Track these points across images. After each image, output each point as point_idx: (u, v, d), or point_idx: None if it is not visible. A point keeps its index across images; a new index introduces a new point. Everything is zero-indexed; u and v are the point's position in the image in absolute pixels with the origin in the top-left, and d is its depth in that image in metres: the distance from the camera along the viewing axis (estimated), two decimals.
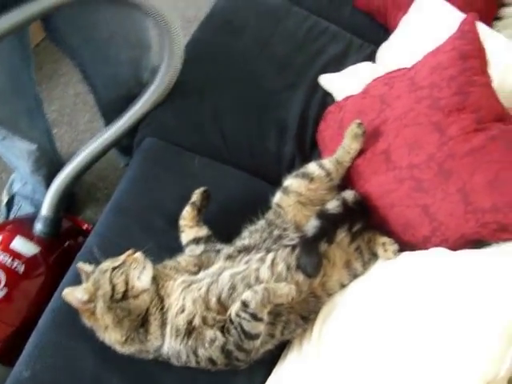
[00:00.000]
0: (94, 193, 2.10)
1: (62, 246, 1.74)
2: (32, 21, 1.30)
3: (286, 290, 1.13)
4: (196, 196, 1.34)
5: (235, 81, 1.63)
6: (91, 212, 2.06)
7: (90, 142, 1.56)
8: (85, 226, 1.88)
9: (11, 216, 2.01)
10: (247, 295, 1.10)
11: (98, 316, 1.13)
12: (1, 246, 1.60)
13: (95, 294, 1.13)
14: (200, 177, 1.45)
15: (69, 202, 1.92)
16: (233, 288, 1.15)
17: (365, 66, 1.66)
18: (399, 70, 1.47)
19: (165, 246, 1.29)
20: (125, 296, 1.13)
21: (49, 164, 1.84)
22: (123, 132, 1.54)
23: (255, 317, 1.09)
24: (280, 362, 1.24)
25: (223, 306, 1.13)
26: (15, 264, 1.58)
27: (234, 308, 1.10)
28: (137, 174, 1.48)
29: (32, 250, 1.63)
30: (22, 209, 1.99)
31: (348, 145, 1.36)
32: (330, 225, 1.24)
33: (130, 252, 1.18)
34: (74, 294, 1.13)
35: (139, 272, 1.15)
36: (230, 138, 1.56)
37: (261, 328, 1.11)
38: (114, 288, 1.13)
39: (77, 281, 1.27)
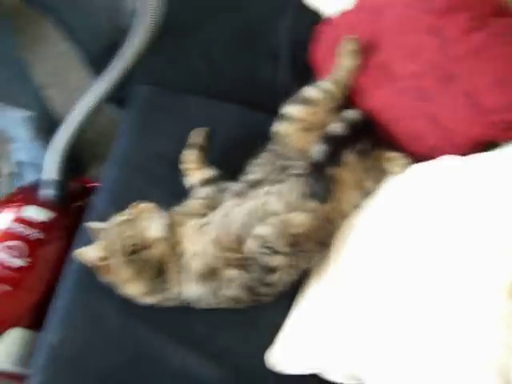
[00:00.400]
0: (97, 150, 2.07)
1: (74, 207, 1.74)
2: None
3: (300, 219, 1.12)
4: (194, 137, 1.31)
5: (220, 13, 1.57)
6: (97, 169, 2.04)
7: (81, 98, 1.52)
8: (93, 184, 1.87)
9: (18, 185, 2.00)
10: (262, 229, 1.09)
11: (115, 271, 1.13)
12: (14, 217, 1.60)
13: (109, 249, 1.12)
14: (197, 117, 1.42)
15: (74, 162, 1.91)
16: (246, 224, 1.13)
17: None
18: None
19: (172, 192, 1.27)
20: (139, 248, 1.12)
21: (47, 128, 1.81)
22: (113, 83, 1.49)
23: (273, 249, 1.08)
24: (301, 291, 1.24)
25: (239, 244, 1.13)
26: (32, 232, 1.58)
27: (251, 244, 1.10)
28: (133, 123, 1.46)
29: (45, 215, 1.63)
30: (27, 177, 1.97)
31: (344, 62, 1.31)
32: (335, 147, 1.21)
33: (137, 204, 1.17)
34: (87, 253, 1.13)
35: (150, 222, 1.14)
36: (222, 74, 1.52)
37: (280, 260, 1.10)
38: (127, 241, 1.12)
39: (88, 240, 1.27)
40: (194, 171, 1.29)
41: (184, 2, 1.47)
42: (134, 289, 1.14)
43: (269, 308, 1.21)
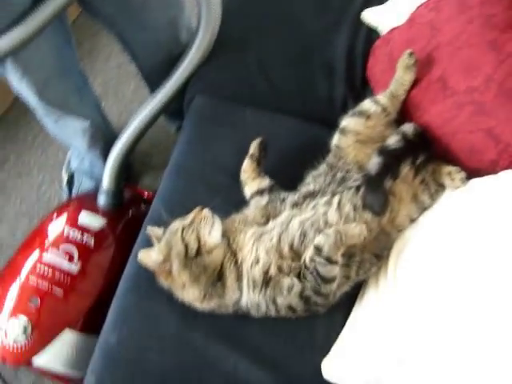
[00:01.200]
0: (149, 160, 2.12)
1: (127, 215, 1.78)
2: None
3: (357, 230, 1.12)
4: (253, 147, 1.33)
5: (276, 28, 1.60)
6: (149, 179, 2.09)
7: (139, 110, 1.57)
8: (145, 194, 1.91)
9: (74, 193, 2.07)
10: (319, 239, 1.10)
11: (175, 275, 1.15)
12: (69, 222, 1.65)
13: (169, 253, 1.15)
14: (254, 128, 1.44)
15: (127, 171, 1.95)
16: (304, 234, 1.15)
17: None
18: None
19: (230, 200, 1.29)
20: (198, 252, 1.15)
21: (103, 138, 1.87)
22: (171, 95, 1.54)
23: (329, 260, 1.09)
24: (358, 302, 1.24)
25: (296, 253, 1.14)
26: (85, 238, 1.62)
27: (308, 253, 1.11)
28: (192, 134, 1.49)
29: (99, 222, 1.67)
30: (83, 185, 2.03)
31: (401, 76, 1.32)
32: (392, 160, 1.22)
33: (197, 210, 1.20)
34: (149, 256, 1.16)
35: (209, 228, 1.17)
36: (278, 86, 1.54)
37: (336, 271, 1.12)
38: (186, 246, 1.15)
39: (148, 245, 1.29)
40: (252, 181, 1.31)
41: (243, 17, 1.50)
42: (192, 293, 1.16)
43: (324, 319, 1.21)
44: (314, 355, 1.20)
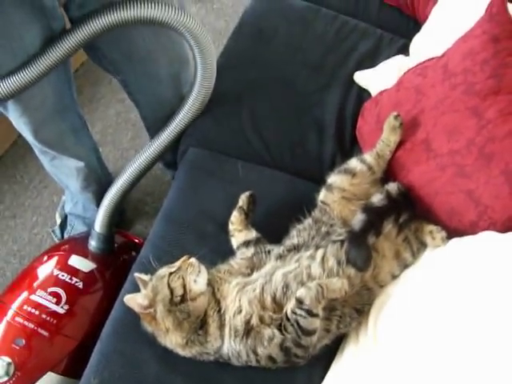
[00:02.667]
0: (142, 207, 2.16)
1: (117, 260, 1.81)
2: (80, 47, 1.37)
3: (338, 285, 1.15)
4: (242, 200, 1.37)
5: (270, 86, 1.66)
6: (141, 226, 2.12)
7: (135, 157, 1.61)
8: (136, 240, 1.94)
9: (65, 236, 2.09)
10: (301, 292, 1.12)
11: (159, 320, 1.17)
12: (59, 264, 1.67)
13: (155, 299, 1.17)
14: (245, 181, 1.48)
15: (119, 217, 1.99)
16: (286, 286, 1.17)
17: (398, 59, 1.66)
18: (431, 59, 1.48)
19: (217, 250, 1.32)
20: (183, 299, 1.17)
21: (97, 180, 1.90)
22: (166, 146, 1.59)
23: (310, 313, 1.11)
24: (337, 356, 1.26)
25: (278, 305, 1.16)
26: (74, 281, 1.64)
27: (290, 305, 1.13)
28: (184, 184, 1.53)
29: (88, 266, 1.70)
30: (75, 228, 2.06)
31: (387, 138, 1.37)
32: (376, 217, 1.26)
33: (184, 258, 1.22)
34: (134, 300, 1.18)
35: (195, 276, 1.19)
36: (270, 142, 1.59)
37: (317, 324, 1.13)
38: (172, 292, 1.17)
39: (134, 291, 1.31)
40: (239, 233, 1.34)
41: (239, 74, 1.56)
42: (175, 339, 1.18)
43: (303, 371, 1.23)
44: None
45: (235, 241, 1.35)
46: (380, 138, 1.39)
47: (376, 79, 1.65)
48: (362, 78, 1.68)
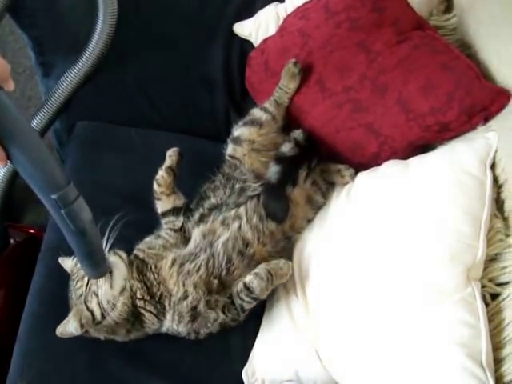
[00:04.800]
0: (30, 195, 2.00)
1: (14, 256, 1.68)
2: None
3: (285, 268, 1.14)
4: (171, 159, 1.29)
5: (151, 48, 1.57)
6: (32, 215, 1.97)
7: None
8: (32, 231, 1.81)
9: None
10: (251, 280, 1.11)
11: (92, 335, 1.13)
12: None
13: (81, 322, 1.10)
14: (141, 148, 1.42)
15: (7, 210, 1.84)
16: (229, 261, 1.15)
17: (274, 6, 1.65)
18: (310, 1, 1.48)
19: (127, 223, 1.25)
20: (103, 315, 1.10)
21: None
22: (49, 119, 1.47)
23: (256, 299, 1.12)
24: (268, 306, 1.26)
25: (223, 285, 1.15)
26: None
27: (237, 290, 1.12)
28: (76, 160, 1.43)
29: None
30: None
31: (285, 85, 1.37)
32: (290, 167, 1.26)
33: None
34: (66, 330, 1.10)
35: (108, 282, 1.11)
36: (160, 105, 1.53)
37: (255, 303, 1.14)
38: (92, 313, 1.10)
39: (46, 282, 1.24)
40: (167, 197, 1.27)
41: (115, 37, 1.47)
42: (114, 338, 1.15)
43: (236, 330, 1.21)
44: (233, 366, 1.20)
45: (161, 206, 1.28)
46: (278, 86, 1.38)
47: (256, 28, 1.63)
48: (242, 28, 1.65)
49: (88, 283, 1.11)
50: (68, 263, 1.17)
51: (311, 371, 1.15)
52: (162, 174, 1.28)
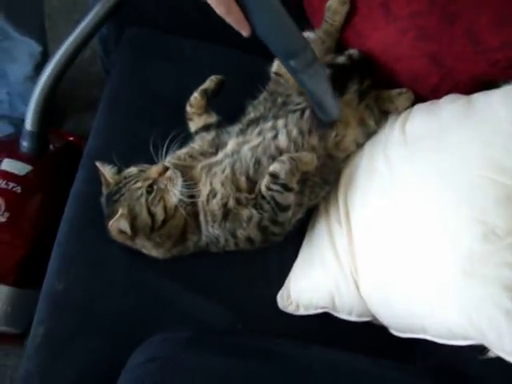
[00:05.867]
0: (71, 102, 1.99)
1: (54, 160, 1.68)
2: None
3: (309, 157, 1.12)
4: (209, 83, 1.26)
5: None
6: (73, 122, 1.96)
7: (65, 39, 1.43)
8: (71, 138, 1.81)
9: None
10: (275, 166, 1.08)
11: (137, 242, 1.11)
12: None
13: (133, 223, 1.08)
14: (192, 60, 1.38)
15: (48, 115, 1.82)
16: (257, 163, 1.13)
17: None
18: None
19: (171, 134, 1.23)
20: (164, 222, 1.09)
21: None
22: (98, 22, 1.42)
23: (286, 187, 1.08)
24: (308, 232, 1.24)
25: (252, 183, 1.12)
26: (11, 186, 1.51)
27: (264, 182, 1.09)
28: (125, 68, 1.39)
29: (24, 169, 1.56)
30: (0, 130, 1.88)
31: (330, 17, 1.31)
32: (341, 74, 1.21)
33: (159, 169, 1.11)
34: (116, 225, 1.08)
35: (174, 189, 1.09)
36: (212, 16, 1.46)
37: (291, 198, 1.10)
38: (153, 217, 1.08)
39: (86, 187, 1.23)
40: (198, 117, 1.25)
41: None
42: (155, 253, 1.13)
43: (275, 252, 1.21)
44: (268, 288, 1.19)
45: (193, 125, 1.26)
46: (324, 19, 1.32)
47: None
48: None
49: (153, 185, 1.09)
50: (106, 169, 1.15)
51: (348, 301, 1.14)
52: (195, 95, 1.25)
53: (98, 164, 1.15)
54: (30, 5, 1.55)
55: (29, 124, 1.54)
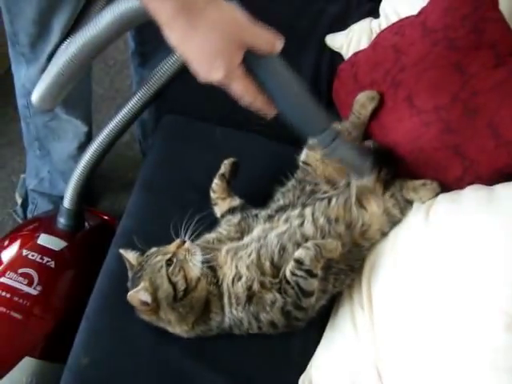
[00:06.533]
0: (107, 183, 2.08)
1: (88, 237, 1.73)
2: None
3: (334, 244, 1.14)
4: (225, 167, 1.33)
5: None
6: (108, 202, 2.04)
7: (106, 125, 1.52)
8: (105, 217, 1.87)
9: (29, 215, 1.99)
10: (300, 253, 1.10)
11: (161, 315, 1.13)
12: (28, 244, 1.59)
13: (156, 295, 1.11)
14: (223, 147, 1.44)
15: (86, 194, 1.90)
16: (283, 249, 1.15)
17: (368, 21, 1.65)
18: (406, 18, 1.47)
19: (200, 218, 1.27)
20: (186, 292, 1.12)
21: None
22: (139, 109, 1.50)
23: (310, 273, 1.10)
24: (332, 317, 1.25)
25: (277, 269, 1.14)
26: (45, 260, 1.57)
27: (289, 267, 1.11)
28: (160, 152, 1.48)
29: (59, 244, 1.62)
30: (39, 207, 1.96)
31: (357, 110, 1.38)
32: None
33: (178, 242, 1.16)
34: (136, 297, 1.11)
35: (191, 262, 1.13)
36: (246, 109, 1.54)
37: (315, 284, 1.12)
38: (174, 287, 1.11)
39: (117, 264, 1.27)
40: (222, 201, 1.31)
41: None
42: (179, 329, 1.15)
43: (299, 335, 1.21)
44: (291, 372, 1.19)
45: (219, 209, 1.31)
46: (351, 111, 1.38)
47: (348, 41, 1.64)
48: (334, 40, 1.66)
49: (173, 258, 1.13)
50: (130, 254, 1.20)
51: None
52: (216, 181, 1.32)
53: (121, 251, 1.20)
54: (80, 88, 1.64)
55: (67, 202, 1.61)
